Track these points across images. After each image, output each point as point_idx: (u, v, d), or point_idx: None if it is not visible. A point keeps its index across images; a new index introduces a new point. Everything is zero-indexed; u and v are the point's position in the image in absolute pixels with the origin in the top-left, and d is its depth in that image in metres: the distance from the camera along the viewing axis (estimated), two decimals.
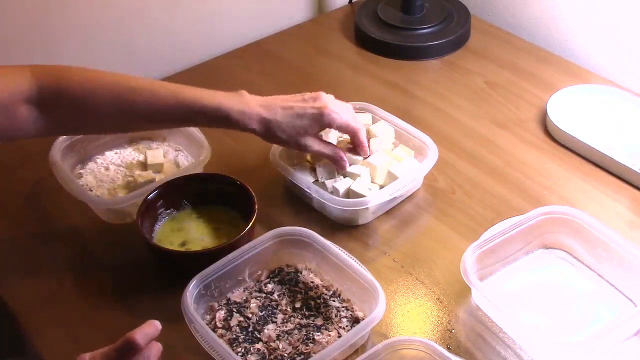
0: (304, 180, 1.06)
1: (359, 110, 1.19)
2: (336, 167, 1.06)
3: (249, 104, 0.97)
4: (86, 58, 1.31)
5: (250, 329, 0.92)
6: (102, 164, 1.16)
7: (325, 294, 0.96)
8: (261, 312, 0.94)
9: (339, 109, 1.01)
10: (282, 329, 0.92)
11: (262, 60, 1.45)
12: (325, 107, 0.99)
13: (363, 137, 1.06)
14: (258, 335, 0.91)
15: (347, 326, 0.92)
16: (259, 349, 0.89)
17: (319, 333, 0.91)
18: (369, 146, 1.10)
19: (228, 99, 0.96)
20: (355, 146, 1.07)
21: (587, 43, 1.41)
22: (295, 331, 0.92)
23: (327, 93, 1.03)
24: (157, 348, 0.75)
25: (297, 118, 0.99)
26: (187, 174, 1.07)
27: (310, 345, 0.90)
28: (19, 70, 0.91)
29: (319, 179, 1.08)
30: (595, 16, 1.38)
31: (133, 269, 1.02)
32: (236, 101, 0.97)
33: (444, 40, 1.43)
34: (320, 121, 1.00)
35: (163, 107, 0.95)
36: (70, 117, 0.94)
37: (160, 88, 0.95)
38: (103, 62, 1.22)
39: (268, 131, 0.98)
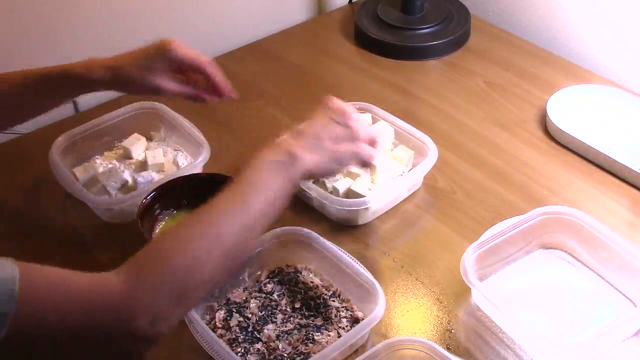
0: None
1: (359, 110, 1.18)
2: (198, 101, 1.02)
3: (93, 59, 0.97)
4: (84, 57, 1.31)
5: (250, 329, 0.92)
6: (101, 164, 1.16)
7: (325, 294, 0.96)
8: (261, 312, 0.94)
9: (183, 46, 0.98)
10: (282, 329, 0.92)
11: (262, 60, 1.45)
12: (170, 40, 0.97)
13: (215, 70, 1.00)
14: (258, 336, 0.91)
15: (346, 326, 0.92)
16: (258, 349, 0.89)
17: (319, 333, 0.91)
18: None
19: (76, 62, 0.97)
20: (211, 84, 1.01)
21: (588, 43, 1.41)
22: (295, 331, 0.92)
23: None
24: None
25: (142, 56, 0.96)
26: (187, 174, 1.07)
27: (310, 345, 0.89)
28: None
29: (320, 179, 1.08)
30: (595, 16, 1.38)
31: None
32: (82, 61, 0.97)
33: (444, 40, 1.43)
34: (166, 54, 0.96)
35: (10, 85, 0.96)
36: None
37: (11, 72, 0.97)
38: None
39: (115, 77, 0.96)
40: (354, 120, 0.88)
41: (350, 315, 0.93)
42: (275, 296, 0.96)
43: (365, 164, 0.89)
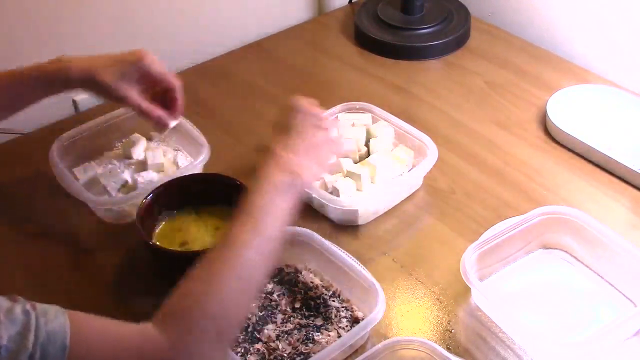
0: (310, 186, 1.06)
1: (359, 110, 1.19)
2: (154, 126, 1.03)
3: (68, 59, 0.98)
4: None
5: (250, 329, 0.92)
6: (101, 164, 1.16)
7: (325, 294, 0.96)
8: (261, 312, 0.94)
9: (157, 61, 1.00)
10: (282, 329, 0.92)
11: (262, 60, 1.45)
12: (145, 54, 0.98)
13: (180, 94, 1.02)
14: (258, 336, 0.91)
15: (346, 326, 0.92)
16: (258, 349, 0.89)
17: (319, 333, 0.91)
18: (368, 149, 1.10)
19: (49, 61, 0.98)
20: (169, 102, 1.02)
21: (587, 43, 1.41)
22: (295, 331, 0.92)
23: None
24: None
25: (116, 63, 0.98)
26: (187, 174, 1.07)
27: (310, 345, 0.89)
28: None
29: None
30: (595, 16, 1.38)
31: (133, 269, 1.02)
32: (55, 61, 0.98)
33: (444, 40, 1.43)
34: (139, 65, 0.98)
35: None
36: None
37: None
38: None
39: (88, 78, 0.97)
40: (325, 120, 0.91)
41: (350, 315, 0.93)
42: (275, 296, 0.96)
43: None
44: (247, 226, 0.77)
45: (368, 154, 1.13)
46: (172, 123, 1.03)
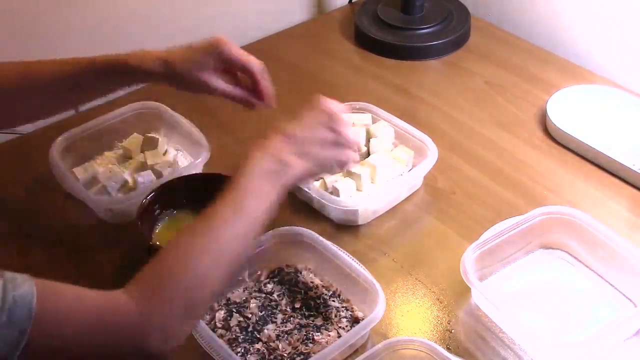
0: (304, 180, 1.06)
1: (359, 110, 1.19)
2: (247, 107, 1.01)
3: (146, 50, 0.98)
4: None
5: (250, 329, 0.92)
6: (101, 164, 1.16)
7: (325, 294, 0.96)
8: (261, 312, 0.94)
9: (235, 45, 0.98)
10: (282, 329, 0.92)
11: (262, 60, 1.43)
12: (222, 39, 0.97)
13: (264, 76, 0.99)
14: (258, 336, 0.91)
15: (346, 326, 0.92)
16: (258, 349, 0.89)
17: (319, 333, 0.91)
18: (368, 149, 1.09)
19: (127, 52, 0.98)
20: (256, 88, 0.99)
21: (588, 43, 1.41)
22: (295, 331, 0.92)
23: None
24: None
25: (194, 52, 0.96)
26: (187, 174, 1.07)
27: (310, 345, 0.89)
28: None
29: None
30: (596, 16, 1.38)
31: (133, 269, 1.01)
32: (134, 51, 0.98)
33: (444, 40, 1.43)
34: (218, 52, 0.96)
35: (62, 73, 0.95)
36: None
37: (60, 60, 0.96)
38: None
39: (167, 70, 0.96)
40: (343, 125, 0.89)
41: (350, 315, 0.93)
42: (275, 296, 0.96)
43: (344, 167, 0.91)
44: (228, 204, 0.78)
45: (368, 154, 1.13)
46: (270, 105, 1.01)
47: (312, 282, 0.97)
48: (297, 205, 1.10)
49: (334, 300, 0.95)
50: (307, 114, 0.88)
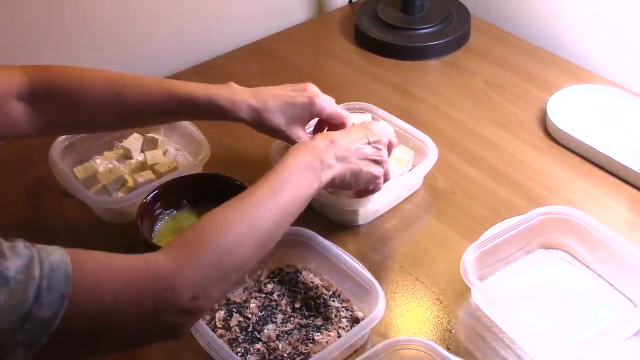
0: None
1: (359, 110, 1.19)
2: None
3: (238, 93, 0.98)
4: (86, 58, 1.31)
5: (250, 329, 0.92)
6: (101, 164, 1.16)
7: (325, 294, 0.96)
8: (261, 312, 0.94)
9: (328, 99, 1.02)
10: (282, 329, 0.92)
11: (262, 60, 1.45)
12: (316, 96, 1.00)
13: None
14: (258, 336, 0.91)
15: (346, 326, 0.92)
16: (258, 349, 0.89)
17: (319, 333, 0.91)
18: None
19: (218, 89, 0.98)
20: None
21: (588, 43, 1.41)
22: (295, 331, 0.92)
23: (327, 93, 1.03)
24: None
25: (287, 106, 0.99)
26: (187, 174, 1.07)
27: (310, 345, 0.89)
28: (9, 69, 0.91)
29: None
30: (596, 16, 1.38)
31: None
32: (226, 91, 0.98)
33: (444, 40, 1.43)
34: (311, 110, 0.99)
35: (154, 99, 0.95)
36: (62, 113, 0.94)
37: (151, 82, 0.96)
38: (103, 61, 1.22)
39: (258, 119, 0.98)
40: (385, 146, 0.96)
41: (350, 315, 0.93)
42: (275, 296, 0.96)
43: (375, 187, 0.98)
44: (265, 187, 0.82)
45: None
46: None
47: (312, 282, 0.97)
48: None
49: (334, 300, 0.95)
50: (358, 128, 0.95)
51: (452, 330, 0.93)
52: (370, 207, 1.06)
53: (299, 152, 0.87)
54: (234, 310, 0.94)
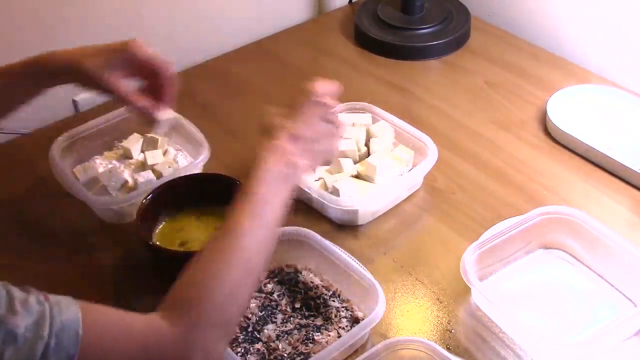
0: (304, 180, 1.06)
1: (359, 110, 1.19)
2: (141, 119, 0.98)
3: (55, 51, 0.96)
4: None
5: (250, 329, 0.92)
6: (101, 164, 1.16)
7: (325, 294, 0.96)
8: (261, 312, 0.94)
9: (146, 45, 0.96)
10: (282, 329, 0.92)
11: (262, 60, 1.45)
12: (134, 40, 0.95)
13: (170, 81, 0.97)
14: (258, 335, 0.91)
15: (346, 326, 0.92)
16: (258, 349, 0.89)
17: (319, 333, 0.91)
18: (368, 149, 1.09)
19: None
20: (159, 91, 0.97)
21: (587, 43, 1.41)
22: (295, 331, 0.92)
23: None
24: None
25: (103, 51, 0.95)
26: (187, 174, 1.07)
27: (310, 345, 0.89)
28: None
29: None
30: (596, 16, 1.38)
31: (133, 269, 1.02)
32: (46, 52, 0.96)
33: (444, 40, 1.43)
34: (126, 52, 0.94)
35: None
36: None
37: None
38: None
39: (73, 68, 0.95)
40: (336, 113, 0.91)
41: (350, 315, 0.93)
42: (275, 296, 0.96)
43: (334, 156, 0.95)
44: (246, 214, 0.78)
45: (368, 154, 1.13)
46: (163, 115, 0.96)
47: (312, 282, 0.97)
48: (297, 205, 1.10)
49: (334, 300, 0.95)
50: (306, 108, 0.89)
51: (452, 330, 0.93)
52: (370, 208, 1.06)
53: (269, 160, 0.82)
54: None
